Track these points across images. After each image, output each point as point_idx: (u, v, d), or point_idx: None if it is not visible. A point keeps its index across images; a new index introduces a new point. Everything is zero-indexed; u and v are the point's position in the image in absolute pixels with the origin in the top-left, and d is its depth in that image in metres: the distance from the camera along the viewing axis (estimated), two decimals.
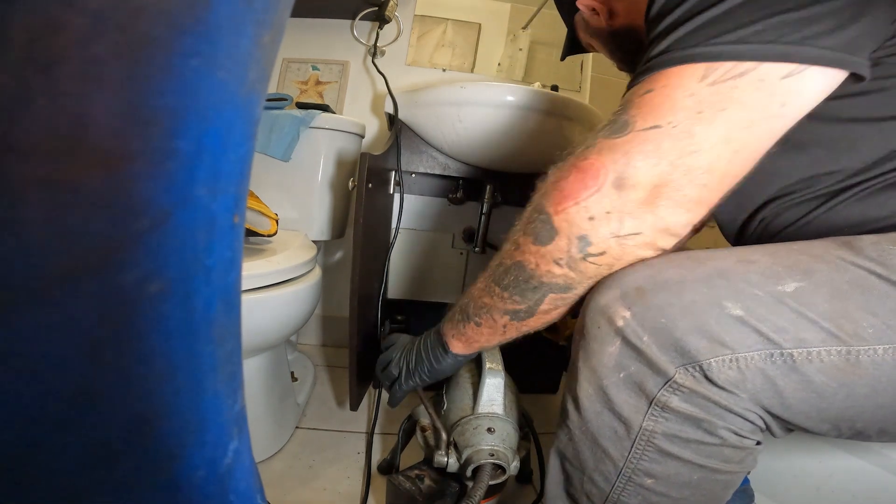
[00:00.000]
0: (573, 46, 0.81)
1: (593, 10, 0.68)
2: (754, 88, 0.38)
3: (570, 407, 0.45)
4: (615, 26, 0.67)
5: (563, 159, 0.45)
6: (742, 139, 0.39)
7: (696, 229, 0.76)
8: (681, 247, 0.46)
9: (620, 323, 0.40)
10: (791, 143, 0.44)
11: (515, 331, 0.52)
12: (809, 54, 0.37)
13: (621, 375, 0.41)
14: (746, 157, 0.40)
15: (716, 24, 0.39)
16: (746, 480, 0.67)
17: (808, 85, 0.39)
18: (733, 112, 0.38)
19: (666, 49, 0.41)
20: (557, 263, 0.44)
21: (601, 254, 0.42)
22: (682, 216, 0.41)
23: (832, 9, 0.38)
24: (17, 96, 0.13)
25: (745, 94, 0.38)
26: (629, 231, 0.41)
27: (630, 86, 0.44)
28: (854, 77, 0.40)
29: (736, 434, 0.39)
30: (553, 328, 1.03)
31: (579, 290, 0.46)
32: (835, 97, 0.41)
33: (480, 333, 0.55)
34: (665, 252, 0.44)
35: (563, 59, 0.87)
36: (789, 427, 0.40)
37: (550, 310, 0.48)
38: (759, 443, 0.41)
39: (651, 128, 0.39)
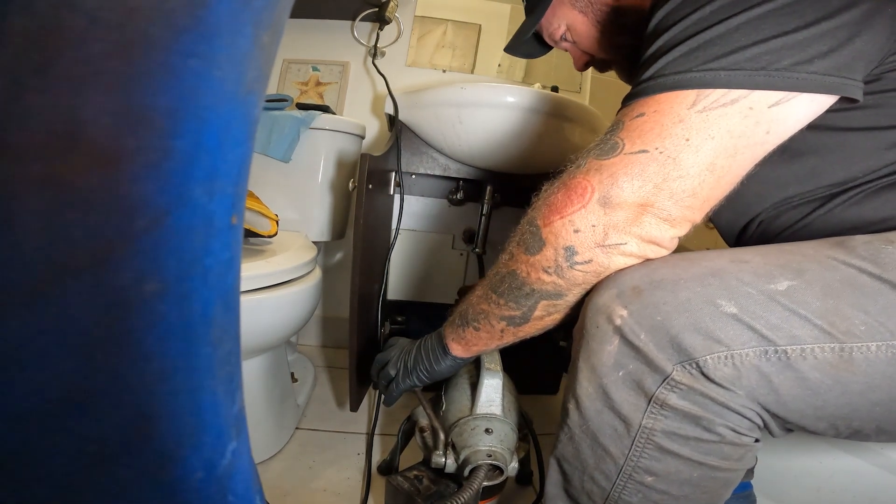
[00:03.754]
0: (530, 43, 0.77)
1: None
2: (742, 116, 0.39)
3: (571, 406, 0.45)
4: (624, 4, 0.63)
5: (558, 177, 0.46)
6: (726, 166, 0.40)
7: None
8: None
9: (618, 321, 0.41)
10: (790, 152, 0.45)
11: (512, 336, 0.53)
12: (799, 82, 0.38)
13: (620, 374, 0.41)
14: (729, 181, 0.42)
15: (711, 46, 0.40)
16: (749, 486, 0.67)
17: (794, 112, 0.40)
18: (721, 140, 0.39)
19: (660, 72, 0.42)
20: (546, 271, 0.45)
21: (588, 262, 0.43)
22: (667, 231, 0.43)
23: (827, 30, 0.38)
24: (13, 95, 0.13)
25: (733, 123, 0.39)
26: (614, 241, 0.42)
27: (624, 102, 0.46)
28: (847, 98, 0.40)
29: (734, 431, 0.39)
30: None
31: (570, 297, 0.47)
32: (833, 110, 0.41)
33: (479, 338, 0.56)
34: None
35: (534, 56, 0.82)
36: (788, 426, 0.40)
37: (544, 316, 0.49)
38: (757, 440, 0.41)
39: (639, 152, 0.41)
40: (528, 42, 0.77)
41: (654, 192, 0.40)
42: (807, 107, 0.40)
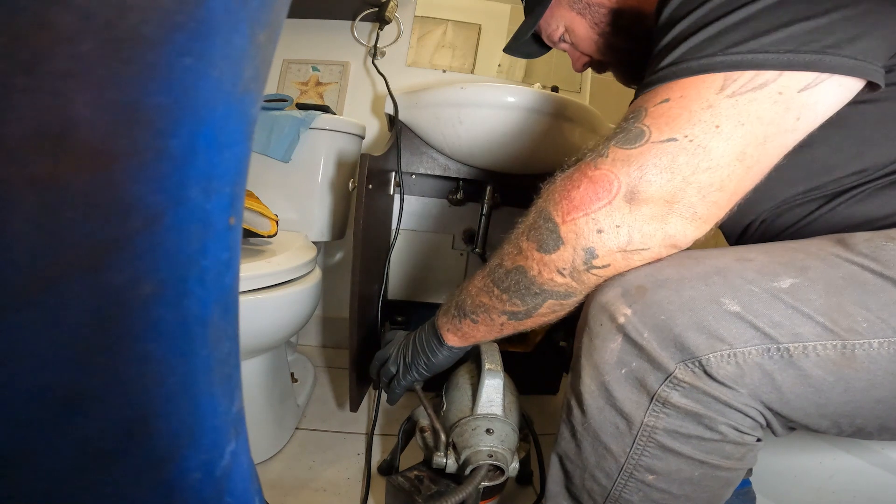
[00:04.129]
0: (528, 44, 0.78)
1: None
2: (772, 102, 0.38)
3: (573, 404, 0.45)
4: (622, 6, 0.63)
5: (572, 164, 0.44)
6: (756, 155, 0.39)
7: None
8: None
9: (622, 320, 0.41)
10: (800, 145, 0.44)
11: (512, 329, 0.53)
12: (830, 63, 0.37)
13: (623, 371, 0.41)
14: (757, 172, 0.40)
15: (734, 31, 0.39)
16: (748, 482, 0.67)
17: (823, 98, 0.38)
18: (751, 127, 0.38)
19: (682, 57, 0.40)
20: (560, 273, 0.44)
21: (605, 266, 0.42)
22: (690, 232, 0.41)
23: (851, 16, 0.37)
24: (2, 94, 0.13)
25: (763, 108, 0.38)
26: (637, 247, 0.41)
27: (640, 92, 0.44)
28: (868, 86, 0.40)
29: (736, 430, 0.39)
30: (522, 338, 1.02)
31: (578, 298, 0.47)
32: (848, 103, 0.40)
33: (477, 330, 0.55)
34: None
35: (533, 56, 0.83)
36: (790, 425, 0.40)
37: (548, 313, 0.49)
38: (759, 440, 0.41)
39: (667, 140, 0.39)
40: (528, 42, 0.77)
41: (683, 185, 0.39)
42: (835, 92, 0.38)
